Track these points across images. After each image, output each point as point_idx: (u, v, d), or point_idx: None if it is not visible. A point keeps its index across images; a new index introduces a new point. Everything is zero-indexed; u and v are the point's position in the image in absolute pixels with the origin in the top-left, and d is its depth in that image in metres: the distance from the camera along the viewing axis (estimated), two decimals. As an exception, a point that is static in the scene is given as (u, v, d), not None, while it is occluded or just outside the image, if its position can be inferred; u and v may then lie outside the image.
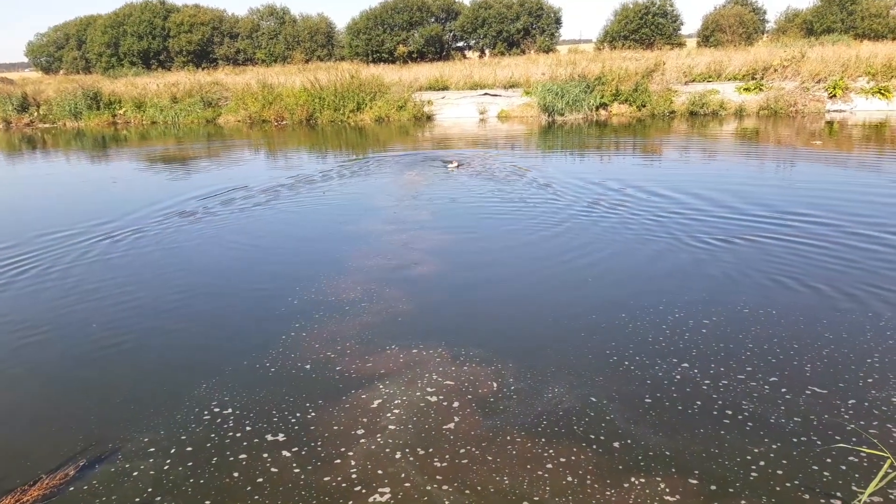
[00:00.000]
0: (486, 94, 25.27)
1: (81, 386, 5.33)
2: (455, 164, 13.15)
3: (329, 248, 8.98)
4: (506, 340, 5.84)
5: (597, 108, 22.90)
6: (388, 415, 4.67)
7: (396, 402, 4.83)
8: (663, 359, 5.34)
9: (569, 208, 10.31)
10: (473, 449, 4.24)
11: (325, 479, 4.00)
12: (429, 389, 4.98)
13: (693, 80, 23.86)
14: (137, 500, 3.88)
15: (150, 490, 3.96)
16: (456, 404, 4.77)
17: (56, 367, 5.68)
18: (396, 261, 8.13)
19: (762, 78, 23.20)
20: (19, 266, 8.34)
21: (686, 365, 5.22)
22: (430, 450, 4.26)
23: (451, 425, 4.52)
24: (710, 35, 47.06)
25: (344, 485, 3.95)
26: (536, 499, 3.76)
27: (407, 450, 4.27)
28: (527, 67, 27.51)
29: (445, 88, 26.31)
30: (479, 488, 3.87)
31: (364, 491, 3.90)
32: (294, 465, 4.16)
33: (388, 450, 4.27)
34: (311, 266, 8.13)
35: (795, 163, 13.86)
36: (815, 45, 27.18)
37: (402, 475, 4.02)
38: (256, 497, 3.87)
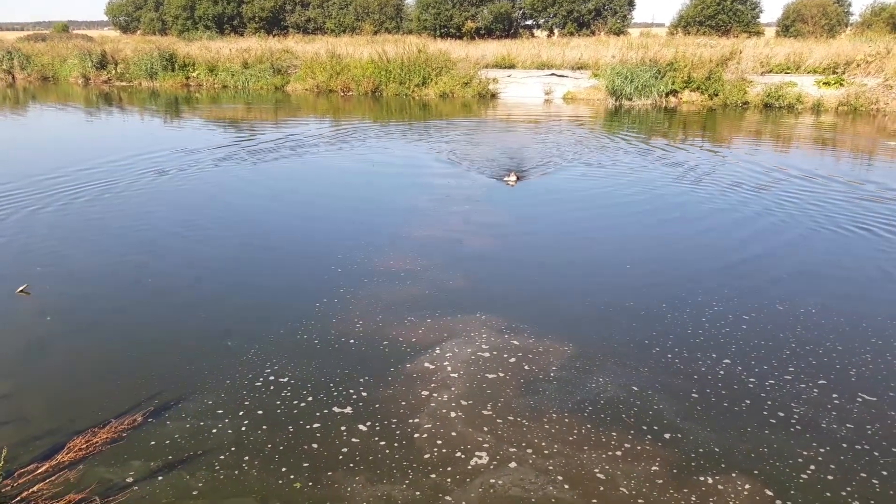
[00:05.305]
0: (552, 74, 24.94)
1: (138, 339, 5.62)
2: (514, 177, 11.40)
3: (376, 216, 9.13)
4: (553, 320, 5.90)
5: (667, 95, 22.34)
6: (447, 387, 4.79)
7: (450, 375, 4.95)
8: (704, 353, 5.32)
9: (623, 193, 10.24)
10: (524, 421, 4.34)
11: (425, 456, 4.10)
12: (485, 363, 5.08)
13: (770, 71, 22.99)
14: (222, 457, 4.06)
15: (233, 449, 4.13)
16: (509, 378, 4.87)
17: (114, 321, 6.01)
18: (443, 234, 8.27)
19: (843, 73, 22.19)
20: (80, 195, 8.81)
21: (728, 361, 5.19)
22: (500, 422, 4.37)
23: (509, 397, 4.63)
24: (790, 25, 45.10)
25: (426, 455, 4.10)
26: (602, 476, 3.84)
27: (476, 426, 4.38)
28: (596, 49, 26.98)
29: (512, 67, 26.07)
30: (542, 459, 3.98)
31: (463, 457, 4.04)
32: (375, 437, 4.24)
33: (459, 424, 4.39)
34: (357, 234, 8.30)
35: (870, 158, 13.32)
36: (903, 41, 25.73)
37: (486, 446, 4.15)
38: (351, 465, 3.99)
